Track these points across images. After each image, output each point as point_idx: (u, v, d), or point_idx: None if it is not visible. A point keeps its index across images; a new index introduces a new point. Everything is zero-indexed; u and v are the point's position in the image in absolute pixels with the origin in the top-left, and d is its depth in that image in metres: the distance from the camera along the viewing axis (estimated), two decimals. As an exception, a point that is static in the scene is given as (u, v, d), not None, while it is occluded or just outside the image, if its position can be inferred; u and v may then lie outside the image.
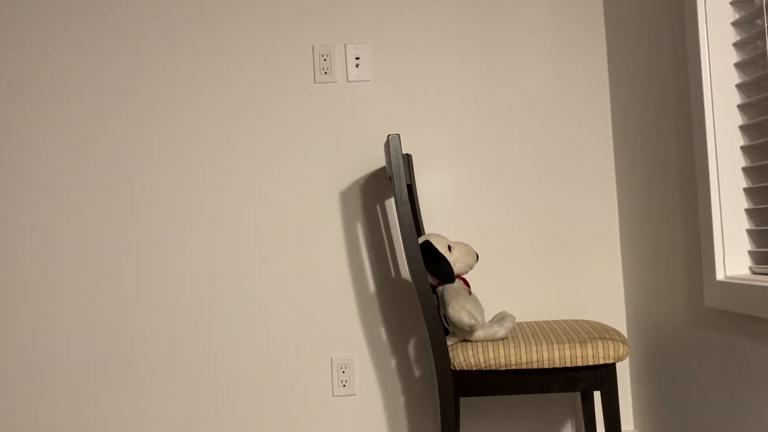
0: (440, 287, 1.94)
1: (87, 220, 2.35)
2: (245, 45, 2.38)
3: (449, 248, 1.97)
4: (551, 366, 1.81)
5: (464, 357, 1.84)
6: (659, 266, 2.08)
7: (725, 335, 1.74)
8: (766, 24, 1.60)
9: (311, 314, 2.36)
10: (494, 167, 2.38)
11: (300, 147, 2.37)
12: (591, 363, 1.81)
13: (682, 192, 1.91)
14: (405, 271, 2.37)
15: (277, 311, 2.36)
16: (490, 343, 1.85)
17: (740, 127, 1.71)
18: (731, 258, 1.71)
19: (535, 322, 2.15)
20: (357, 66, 2.37)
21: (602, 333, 1.89)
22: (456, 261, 1.97)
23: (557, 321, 2.16)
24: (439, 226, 2.37)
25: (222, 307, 2.36)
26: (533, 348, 1.82)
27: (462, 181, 2.37)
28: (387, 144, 1.93)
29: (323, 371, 2.36)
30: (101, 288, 2.35)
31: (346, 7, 2.38)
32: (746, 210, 1.71)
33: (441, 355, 1.85)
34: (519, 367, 1.83)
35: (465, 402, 2.36)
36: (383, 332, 2.36)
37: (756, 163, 1.67)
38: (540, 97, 2.38)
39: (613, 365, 1.83)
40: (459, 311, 1.85)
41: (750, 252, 1.70)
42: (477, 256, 2.02)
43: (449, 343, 1.92)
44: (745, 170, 1.71)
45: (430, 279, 1.95)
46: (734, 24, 1.71)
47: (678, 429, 2.02)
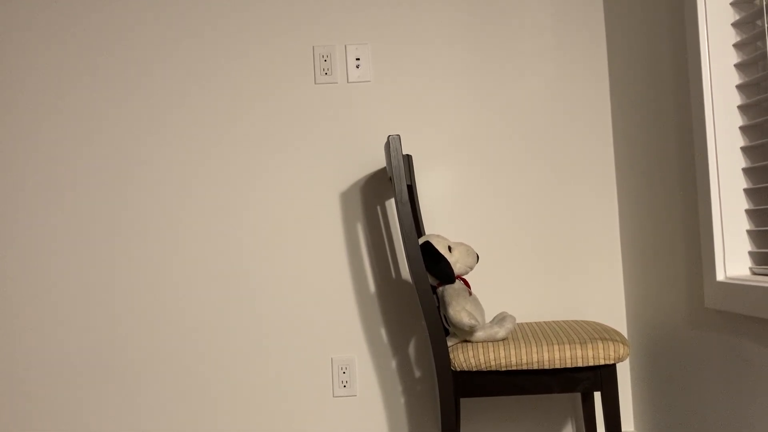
0: (440, 288, 1.94)
1: (82, 220, 2.35)
2: (246, 46, 2.38)
3: (449, 249, 1.98)
4: (551, 367, 1.81)
5: (465, 358, 1.84)
6: (659, 267, 2.08)
7: (725, 336, 1.74)
8: (766, 25, 1.60)
9: (311, 315, 2.36)
10: (494, 168, 2.38)
11: (300, 148, 2.38)
12: (591, 364, 1.81)
13: (683, 192, 1.91)
14: (405, 272, 2.37)
15: (278, 312, 2.36)
16: (491, 344, 1.85)
17: (740, 128, 1.71)
18: (731, 258, 1.71)
19: (536, 323, 2.16)
20: (357, 67, 2.37)
21: (602, 333, 1.89)
22: (456, 262, 1.97)
23: (557, 321, 2.16)
24: (440, 227, 2.37)
25: (222, 308, 2.36)
26: (533, 349, 1.82)
27: (462, 182, 2.37)
28: (387, 145, 1.93)
29: (324, 372, 2.36)
30: (98, 288, 2.35)
31: (347, 8, 2.38)
32: (746, 211, 1.71)
33: (441, 356, 1.85)
34: (519, 368, 1.83)
35: (465, 402, 2.36)
36: (383, 333, 2.36)
37: (756, 164, 1.67)
38: (540, 98, 2.38)
39: (614, 366, 1.84)
40: (459, 312, 1.85)
41: (750, 252, 1.70)
42: (477, 257, 2.02)
43: (449, 344, 1.92)
44: (746, 171, 1.71)
45: (431, 279, 1.95)
46: (734, 25, 1.71)
47: (678, 429, 2.02)
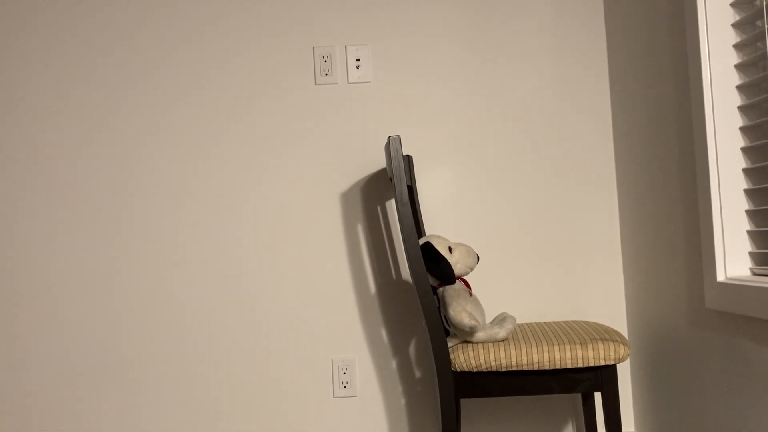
0: (441, 288, 1.94)
1: (82, 220, 2.35)
2: (246, 46, 2.38)
3: (450, 249, 1.98)
4: (552, 367, 1.81)
5: (465, 358, 1.84)
6: (660, 267, 2.08)
7: (726, 336, 1.74)
8: (767, 25, 1.60)
9: (312, 315, 2.36)
10: (495, 168, 2.38)
11: (301, 148, 2.38)
12: (592, 364, 1.81)
13: (683, 193, 1.91)
14: (406, 273, 2.37)
15: (278, 313, 2.36)
16: (491, 345, 1.85)
17: (741, 129, 1.71)
18: (732, 259, 1.71)
19: (536, 323, 2.16)
20: (358, 67, 2.37)
21: (603, 334, 1.89)
22: (457, 262, 1.97)
23: (558, 322, 2.16)
24: (440, 227, 2.37)
25: (222, 308, 2.36)
26: (534, 349, 1.82)
27: (462, 182, 2.37)
28: (387, 145, 1.93)
29: (324, 372, 2.36)
30: (98, 288, 2.35)
31: (347, 9, 2.38)
32: (747, 211, 1.71)
33: (442, 357, 1.85)
34: (520, 369, 1.83)
35: (466, 403, 2.36)
36: (384, 333, 2.36)
37: (756, 165, 1.67)
38: (540, 98, 2.38)
39: (614, 366, 1.84)
40: (459, 312, 1.85)
41: (750, 253, 1.70)
42: (477, 258, 2.02)
43: (450, 345, 1.92)
44: (746, 171, 1.71)
45: (431, 280, 1.95)
46: (734, 25, 1.71)
47: (678, 430, 2.02)
